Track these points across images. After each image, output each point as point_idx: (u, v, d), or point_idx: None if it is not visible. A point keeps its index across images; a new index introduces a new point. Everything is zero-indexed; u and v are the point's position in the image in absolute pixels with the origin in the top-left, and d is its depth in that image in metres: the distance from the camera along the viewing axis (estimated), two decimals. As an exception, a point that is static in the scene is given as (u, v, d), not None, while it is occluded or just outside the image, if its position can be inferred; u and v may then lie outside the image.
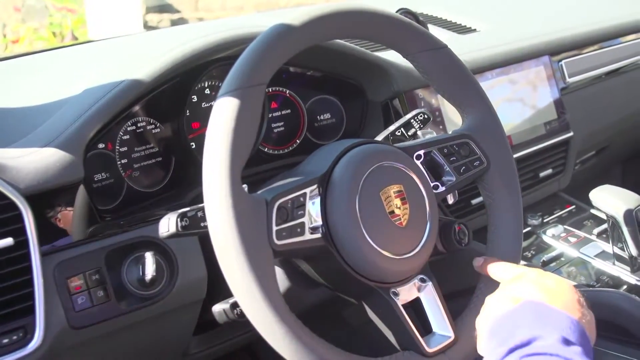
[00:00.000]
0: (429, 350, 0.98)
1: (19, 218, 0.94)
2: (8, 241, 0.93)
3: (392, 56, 1.39)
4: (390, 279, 0.99)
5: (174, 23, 6.34)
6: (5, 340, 0.93)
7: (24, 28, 6.03)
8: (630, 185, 1.46)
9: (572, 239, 1.57)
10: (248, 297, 0.85)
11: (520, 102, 1.67)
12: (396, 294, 0.99)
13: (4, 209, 0.94)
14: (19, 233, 0.95)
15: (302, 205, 0.93)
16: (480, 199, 1.50)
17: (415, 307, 1.02)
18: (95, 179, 1.12)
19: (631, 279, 1.42)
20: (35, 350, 0.95)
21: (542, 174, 1.70)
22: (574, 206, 1.74)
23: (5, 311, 0.94)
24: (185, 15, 6.58)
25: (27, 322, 0.95)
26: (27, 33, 5.94)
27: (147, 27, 5.98)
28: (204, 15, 6.41)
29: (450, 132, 1.13)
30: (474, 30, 1.88)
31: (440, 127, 1.46)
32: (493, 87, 1.60)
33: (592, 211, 1.70)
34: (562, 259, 1.53)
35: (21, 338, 0.95)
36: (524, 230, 1.61)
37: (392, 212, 0.98)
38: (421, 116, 1.20)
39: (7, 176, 0.95)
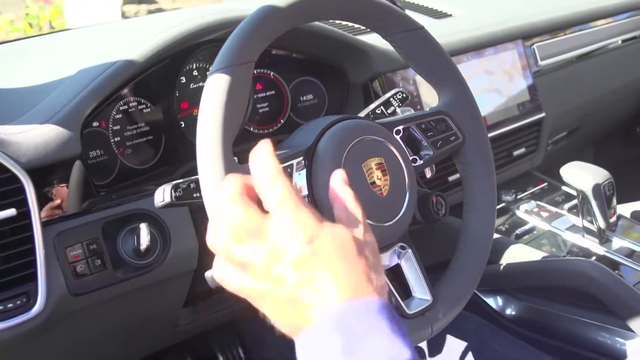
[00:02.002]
0: (409, 312, 1.03)
1: (21, 190, 0.99)
2: (11, 212, 0.97)
3: (371, 39, 1.45)
4: None
5: (152, 14, 6.34)
6: (10, 305, 0.98)
7: (0, 19, 6.00)
8: (601, 165, 1.52)
9: (544, 214, 1.64)
10: None
11: (494, 84, 1.72)
12: None
13: (6, 181, 0.98)
14: (21, 204, 0.99)
15: (290, 176, 0.98)
16: (456, 175, 1.56)
17: (395, 272, 1.08)
18: (91, 156, 1.17)
19: (599, 249, 1.48)
20: (37, 315, 1.00)
21: (515, 153, 1.77)
22: (546, 183, 1.81)
23: (9, 278, 0.98)
24: (162, 6, 6.57)
25: (29, 288, 1.00)
26: (4, 24, 5.91)
27: (125, 17, 5.96)
28: (181, 6, 6.40)
29: (428, 110, 1.19)
30: (450, 15, 1.93)
31: (418, 106, 1.52)
32: (468, 69, 1.65)
33: (564, 188, 1.78)
34: (535, 232, 1.59)
35: (25, 303, 0.99)
36: (499, 206, 1.67)
37: (374, 182, 1.03)
38: (400, 95, 1.26)
39: (9, 150, 0.99)
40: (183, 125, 1.27)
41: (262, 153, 0.70)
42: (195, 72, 1.29)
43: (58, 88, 1.12)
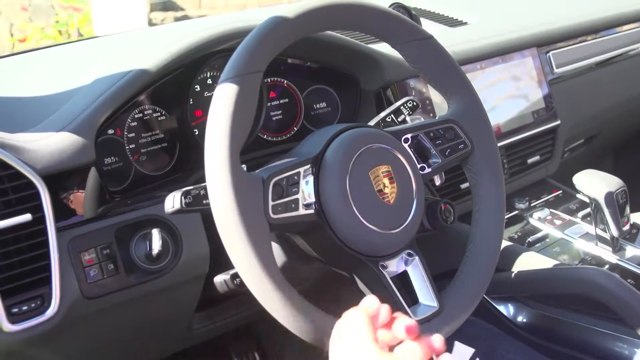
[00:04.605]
0: (416, 318, 1.04)
1: (37, 196, 1.01)
2: (27, 217, 1.00)
3: (383, 48, 1.46)
4: (379, 253, 1.05)
5: (178, 21, 6.41)
6: (25, 308, 1.01)
7: (31, 27, 6.09)
8: (622, 174, 1.51)
9: (557, 222, 1.63)
10: (246, 265, 0.92)
11: (509, 92, 1.72)
12: (385, 267, 1.05)
13: (22, 187, 1.01)
14: (37, 210, 1.01)
15: (296, 183, 0.99)
16: (468, 183, 1.57)
17: (402, 279, 1.08)
18: (106, 162, 1.19)
19: (612, 258, 1.47)
20: (51, 317, 1.03)
21: (530, 161, 1.77)
22: (560, 191, 1.80)
23: (24, 281, 1.01)
24: (189, 13, 6.64)
25: (44, 291, 1.02)
26: (34, 32, 6.00)
27: (152, 24, 6.03)
28: (207, 13, 6.45)
29: (437, 118, 1.21)
30: (465, 23, 1.94)
31: (431, 114, 1.52)
32: (483, 77, 1.65)
33: (579, 196, 1.76)
34: (547, 240, 1.58)
35: (39, 306, 1.02)
36: (512, 214, 1.67)
37: (381, 190, 1.04)
38: (410, 103, 1.27)
39: (26, 157, 1.02)
40: (197, 133, 1.30)
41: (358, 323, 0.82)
42: (209, 81, 1.31)
43: (74, 97, 1.15)
